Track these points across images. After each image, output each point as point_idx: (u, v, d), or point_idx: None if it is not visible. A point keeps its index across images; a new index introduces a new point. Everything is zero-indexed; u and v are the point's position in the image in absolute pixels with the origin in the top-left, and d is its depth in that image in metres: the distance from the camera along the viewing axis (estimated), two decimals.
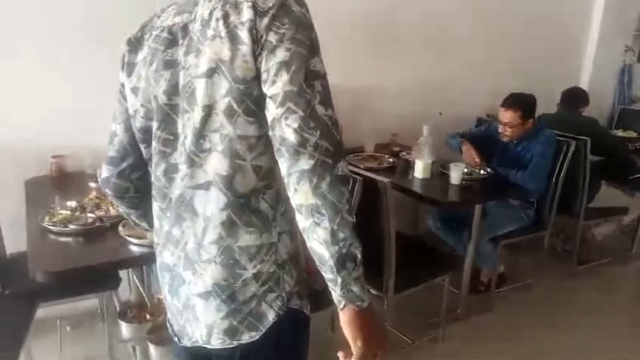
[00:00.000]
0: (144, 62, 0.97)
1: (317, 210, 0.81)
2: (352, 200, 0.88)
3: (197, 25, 0.91)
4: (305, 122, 0.82)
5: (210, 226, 0.92)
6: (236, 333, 0.95)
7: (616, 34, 4.15)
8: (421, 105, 3.35)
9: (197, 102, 0.89)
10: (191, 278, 0.96)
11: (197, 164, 0.92)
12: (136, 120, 1.00)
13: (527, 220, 2.78)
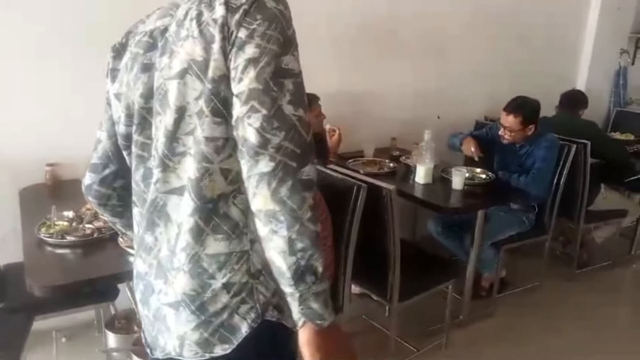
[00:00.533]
0: (126, 67, 0.96)
1: (274, 216, 0.77)
2: (315, 208, 0.80)
3: (173, 27, 0.88)
4: (269, 121, 0.78)
5: (182, 232, 0.87)
6: (208, 345, 0.89)
7: (611, 36, 4.17)
8: (420, 110, 3.33)
9: (169, 105, 0.86)
10: (162, 287, 0.92)
11: (170, 168, 0.88)
12: (119, 126, 0.99)
13: (528, 224, 2.77)
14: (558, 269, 3.21)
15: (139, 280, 0.99)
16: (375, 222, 2.01)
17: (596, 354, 2.45)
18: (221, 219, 0.86)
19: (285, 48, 0.82)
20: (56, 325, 2.29)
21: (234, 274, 0.87)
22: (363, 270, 2.10)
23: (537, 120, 2.63)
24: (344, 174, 2.03)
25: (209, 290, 0.87)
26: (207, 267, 0.86)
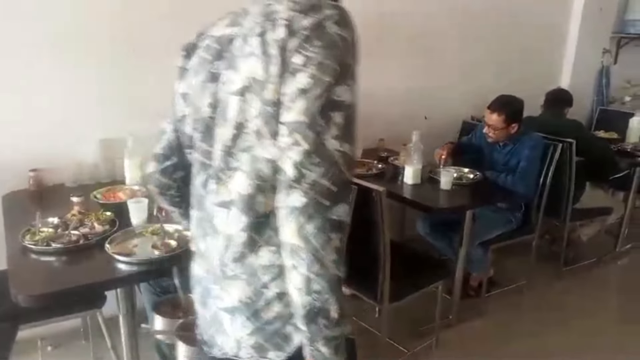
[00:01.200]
0: (194, 71, 0.97)
1: (297, 252, 0.77)
2: (341, 251, 0.80)
3: (239, 40, 0.88)
4: (309, 157, 0.77)
5: (232, 245, 0.89)
6: (263, 350, 0.92)
7: (594, 37, 4.22)
8: (408, 110, 3.34)
9: (229, 119, 0.87)
10: (219, 292, 0.94)
11: (222, 181, 0.90)
12: (184, 125, 1.01)
13: (515, 223, 2.79)
14: (545, 267, 3.24)
15: (197, 283, 1.02)
16: (365, 224, 2.01)
17: (584, 349, 2.48)
18: (274, 232, 0.85)
19: (340, 78, 0.80)
20: (41, 334, 2.24)
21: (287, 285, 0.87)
22: (353, 272, 2.07)
23: (520, 119, 2.65)
24: None
25: (262, 299, 0.89)
26: (261, 276, 0.88)
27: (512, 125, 2.61)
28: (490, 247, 2.73)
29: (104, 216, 1.79)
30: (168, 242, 1.62)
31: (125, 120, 2.34)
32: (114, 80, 2.31)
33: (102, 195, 2.01)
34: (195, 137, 0.96)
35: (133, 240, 1.67)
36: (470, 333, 2.62)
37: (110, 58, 2.28)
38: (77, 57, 2.22)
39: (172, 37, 2.38)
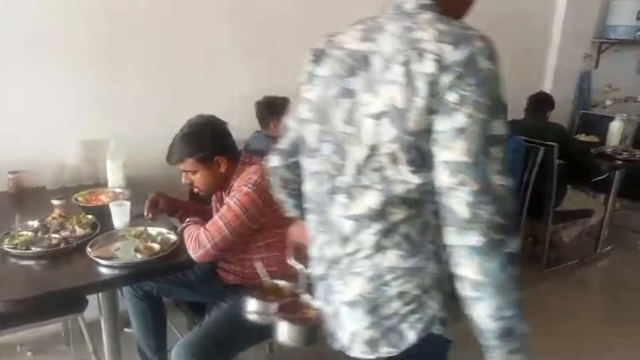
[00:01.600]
0: (324, 82, 0.98)
1: (481, 286, 0.82)
2: (516, 276, 0.84)
3: (378, 62, 0.88)
4: (478, 196, 0.80)
5: (362, 248, 0.94)
6: (376, 345, 0.97)
7: (575, 41, 4.29)
8: None
9: (362, 140, 0.89)
10: (341, 287, 1.00)
11: (353, 197, 0.93)
12: (308, 127, 1.03)
13: None
14: (528, 269, 3.27)
15: (320, 282, 1.07)
16: None
17: (566, 350, 2.50)
18: (402, 238, 0.91)
19: (494, 113, 0.81)
20: (21, 339, 2.20)
21: (408, 286, 0.93)
22: None
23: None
24: None
25: (383, 296, 0.94)
26: (385, 276, 0.93)
27: None
28: None
29: (85, 219, 1.77)
30: (151, 245, 1.61)
31: (107, 121, 2.32)
32: (95, 80, 2.29)
33: (83, 197, 1.98)
34: (323, 147, 0.99)
35: (115, 244, 1.65)
36: (454, 335, 2.63)
37: (91, 58, 2.26)
38: (58, 57, 2.19)
39: (154, 37, 2.39)
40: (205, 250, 1.57)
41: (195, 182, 1.70)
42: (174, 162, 1.67)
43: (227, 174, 1.69)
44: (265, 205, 1.61)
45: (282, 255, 1.74)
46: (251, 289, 1.42)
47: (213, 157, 1.66)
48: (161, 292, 1.91)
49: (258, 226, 1.65)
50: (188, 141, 1.65)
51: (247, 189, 1.59)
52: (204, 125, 1.68)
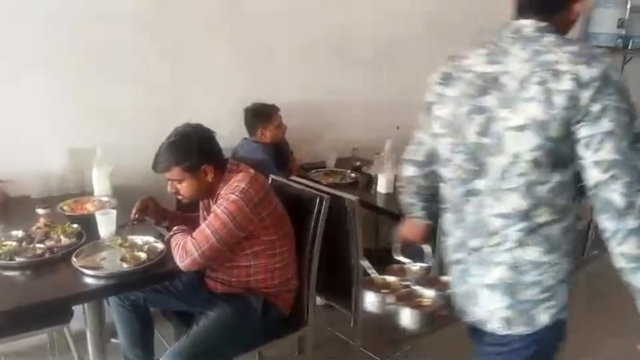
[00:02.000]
0: (455, 101, 1.14)
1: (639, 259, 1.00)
2: None
3: (512, 83, 1.04)
4: (631, 187, 0.96)
5: (506, 242, 1.10)
6: (510, 323, 1.14)
7: None
8: (381, 120, 3.37)
9: (505, 150, 1.05)
10: (480, 272, 1.16)
11: (499, 198, 1.09)
12: (440, 140, 1.20)
13: None
14: None
15: (455, 266, 1.25)
16: (339, 233, 2.01)
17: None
18: (543, 238, 1.08)
19: (632, 115, 0.99)
20: (5, 351, 2.16)
21: (544, 277, 1.10)
22: (327, 282, 2.09)
23: None
24: (307, 185, 2.02)
25: (521, 283, 1.11)
26: (524, 266, 1.10)
27: None
28: None
29: (70, 229, 1.75)
30: (137, 254, 1.60)
31: (94, 129, 2.31)
32: (82, 89, 2.27)
33: (69, 207, 1.96)
34: (455, 157, 1.16)
35: (101, 253, 1.64)
36: (445, 340, 2.62)
37: (77, 66, 2.24)
38: (44, 65, 2.17)
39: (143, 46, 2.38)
40: (192, 259, 1.56)
41: (181, 191, 1.68)
42: (160, 170, 1.66)
43: (213, 182, 1.69)
44: (253, 213, 1.61)
45: (269, 263, 1.75)
46: (366, 285, 1.57)
47: (200, 166, 1.65)
48: (148, 302, 1.89)
49: (245, 234, 1.64)
50: (175, 150, 1.64)
51: (235, 197, 1.59)
52: (191, 134, 1.68)
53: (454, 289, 1.29)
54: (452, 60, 1.19)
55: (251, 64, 2.76)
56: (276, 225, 1.71)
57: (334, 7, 3.01)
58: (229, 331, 1.70)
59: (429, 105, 1.23)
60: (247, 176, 1.64)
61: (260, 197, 1.63)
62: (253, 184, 1.63)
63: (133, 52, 2.36)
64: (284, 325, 1.89)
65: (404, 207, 1.51)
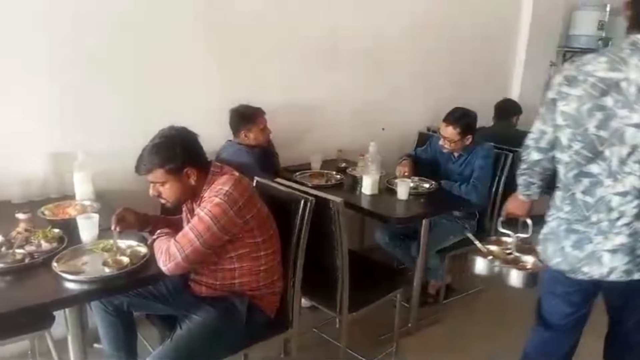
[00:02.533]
0: (579, 99, 1.41)
1: None
2: None
3: (632, 88, 1.33)
4: None
5: (624, 216, 1.42)
6: (630, 273, 1.46)
7: (541, 50, 4.42)
8: (366, 121, 3.40)
9: (625, 142, 1.36)
10: (600, 240, 1.47)
11: (618, 180, 1.40)
12: (562, 131, 1.48)
13: (470, 230, 2.85)
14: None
15: (572, 234, 1.52)
16: (323, 235, 2.01)
17: None
18: None
19: None
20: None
21: None
22: (312, 283, 2.09)
23: (474, 131, 2.73)
24: (291, 188, 2.02)
25: (638, 247, 1.44)
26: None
27: (467, 137, 2.69)
28: (447, 254, 2.79)
29: (51, 233, 1.73)
30: (120, 258, 1.58)
31: (75, 133, 2.28)
32: (63, 92, 2.24)
33: (50, 211, 1.94)
34: (573, 145, 1.45)
35: (82, 258, 1.62)
36: (429, 340, 2.66)
37: (58, 69, 2.21)
38: (23, 68, 2.14)
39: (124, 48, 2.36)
40: (176, 263, 1.55)
41: (163, 194, 1.67)
42: (142, 172, 1.65)
43: (196, 185, 1.68)
44: (237, 216, 1.60)
45: (254, 265, 1.74)
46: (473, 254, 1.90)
47: (183, 168, 1.64)
48: (132, 306, 1.88)
49: (229, 237, 1.63)
50: (158, 152, 1.63)
51: (218, 200, 1.58)
52: (174, 136, 1.67)
53: (564, 254, 1.55)
54: (576, 65, 1.43)
55: (235, 65, 2.75)
56: (260, 227, 1.71)
57: (320, 9, 3.02)
58: (214, 334, 1.69)
59: (552, 101, 1.49)
60: (231, 179, 1.64)
61: (244, 199, 1.62)
62: (237, 186, 1.62)
63: (116, 55, 2.34)
64: (269, 327, 1.88)
65: (521, 186, 1.79)
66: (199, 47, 2.61)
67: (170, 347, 1.64)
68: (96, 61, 2.29)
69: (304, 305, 2.70)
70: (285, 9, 2.87)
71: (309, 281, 2.02)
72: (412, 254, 2.66)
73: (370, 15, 3.26)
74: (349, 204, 2.40)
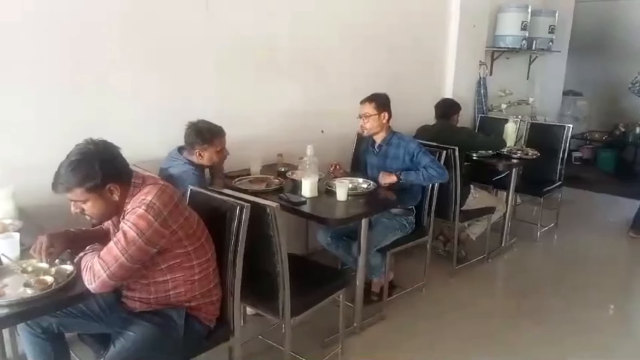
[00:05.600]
0: None
1: None
2: None
3: None
4: None
5: None
6: None
7: (470, 51, 4.61)
8: (305, 125, 3.41)
9: None
10: None
11: None
12: None
13: (409, 227, 2.93)
14: (440, 267, 3.44)
15: None
16: (262, 240, 2.00)
17: (481, 343, 2.66)
18: None
19: None
20: None
21: None
22: (254, 290, 2.08)
23: (389, 109, 2.89)
24: (226, 195, 2.00)
25: None
26: None
27: (383, 113, 2.85)
28: (388, 252, 2.85)
29: None
30: (43, 278, 1.50)
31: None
32: None
33: None
34: None
35: (3, 280, 1.53)
36: (375, 338, 2.70)
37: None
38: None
39: (41, 55, 2.24)
40: (101, 281, 1.49)
41: (87, 211, 1.59)
42: (60, 191, 1.55)
43: (120, 200, 1.62)
44: (163, 227, 1.56)
45: (187, 275, 1.71)
46: None
47: (104, 185, 1.57)
48: (62, 327, 1.79)
49: (157, 249, 1.58)
50: (76, 169, 1.53)
51: (141, 211, 1.53)
52: (92, 152, 1.57)
53: None
54: None
55: (169, 72, 2.69)
56: (190, 237, 1.67)
57: (258, 16, 3.03)
58: (150, 349, 1.64)
59: None
60: (153, 189, 1.59)
61: (169, 210, 1.58)
62: (160, 196, 1.57)
63: (32, 61, 2.23)
64: (209, 337, 1.85)
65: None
66: (128, 52, 2.52)
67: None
68: (16, 70, 2.17)
69: (250, 313, 2.68)
70: (224, 19, 2.85)
71: (251, 288, 2.00)
72: (354, 254, 2.69)
73: (304, 18, 3.29)
74: (286, 207, 2.41)
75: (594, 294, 3.27)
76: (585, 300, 3.16)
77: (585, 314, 2.99)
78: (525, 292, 3.28)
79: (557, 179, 4.18)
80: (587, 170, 6.48)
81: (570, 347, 2.65)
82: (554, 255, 4.06)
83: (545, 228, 4.26)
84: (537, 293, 3.25)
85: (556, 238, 4.29)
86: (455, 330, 2.78)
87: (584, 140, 6.78)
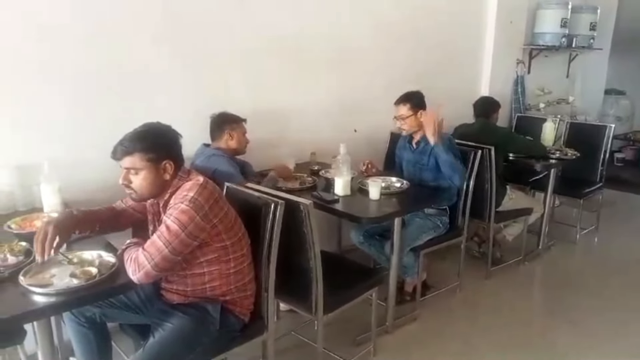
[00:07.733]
0: None
1: None
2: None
3: None
4: None
5: None
6: None
7: (507, 48, 4.52)
8: (338, 124, 3.42)
9: None
10: None
11: None
12: None
13: (442, 227, 2.90)
14: (475, 268, 3.39)
15: None
16: (296, 238, 2.02)
17: (517, 350, 2.60)
18: None
19: None
20: None
21: None
22: (288, 287, 2.10)
23: (424, 107, 2.86)
24: (262, 192, 2.03)
25: None
26: None
27: (418, 112, 2.82)
28: (421, 252, 2.83)
29: (18, 247, 1.70)
30: (88, 269, 1.57)
31: (41, 144, 2.25)
32: (27, 103, 2.21)
33: (17, 224, 1.91)
34: None
35: (51, 270, 1.60)
36: (407, 338, 2.69)
37: (22, 80, 2.18)
38: None
39: (89, 58, 2.33)
40: (145, 272, 1.55)
41: (134, 183, 1.64)
42: (120, 155, 1.62)
43: (167, 183, 1.68)
44: (204, 221, 1.61)
45: (224, 268, 1.75)
46: None
47: (162, 160, 1.64)
48: (105, 317, 1.86)
49: (198, 242, 1.63)
50: (142, 137, 1.63)
51: (184, 206, 1.58)
52: (161, 128, 1.70)
53: None
54: None
55: (200, 70, 2.74)
56: (228, 231, 1.71)
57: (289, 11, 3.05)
58: (187, 341, 1.69)
59: None
60: (195, 184, 1.64)
61: (210, 204, 1.62)
62: (202, 192, 1.62)
63: (79, 65, 2.32)
64: (244, 331, 1.89)
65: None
66: (164, 57, 2.58)
67: (142, 356, 1.63)
68: (58, 72, 2.26)
69: (283, 309, 2.72)
70: (251, 13, 2.88)
71: (285, 284, 2.03)
72: (386, 253, 2.69)
73: (336, 16, 3.30)
74: (322, 205, 2.43)
75: (634, 298, 3.15)
76: (626, 305, 3.05)
77: (625, 319, 2.89)
78: (563, 296, 3.19)
79: (597, 180, 4.05)
80: (629, 171, 6.25)
81: (609, 353, 2.57)
82: (594, 258, 3.93)
83: (585, 230, 4.14)
84: (576, 296, 3.16)
85: (596, 241, 4.16)
86: (490, 334, 2.73)
87: (626, 141, 6.54)
